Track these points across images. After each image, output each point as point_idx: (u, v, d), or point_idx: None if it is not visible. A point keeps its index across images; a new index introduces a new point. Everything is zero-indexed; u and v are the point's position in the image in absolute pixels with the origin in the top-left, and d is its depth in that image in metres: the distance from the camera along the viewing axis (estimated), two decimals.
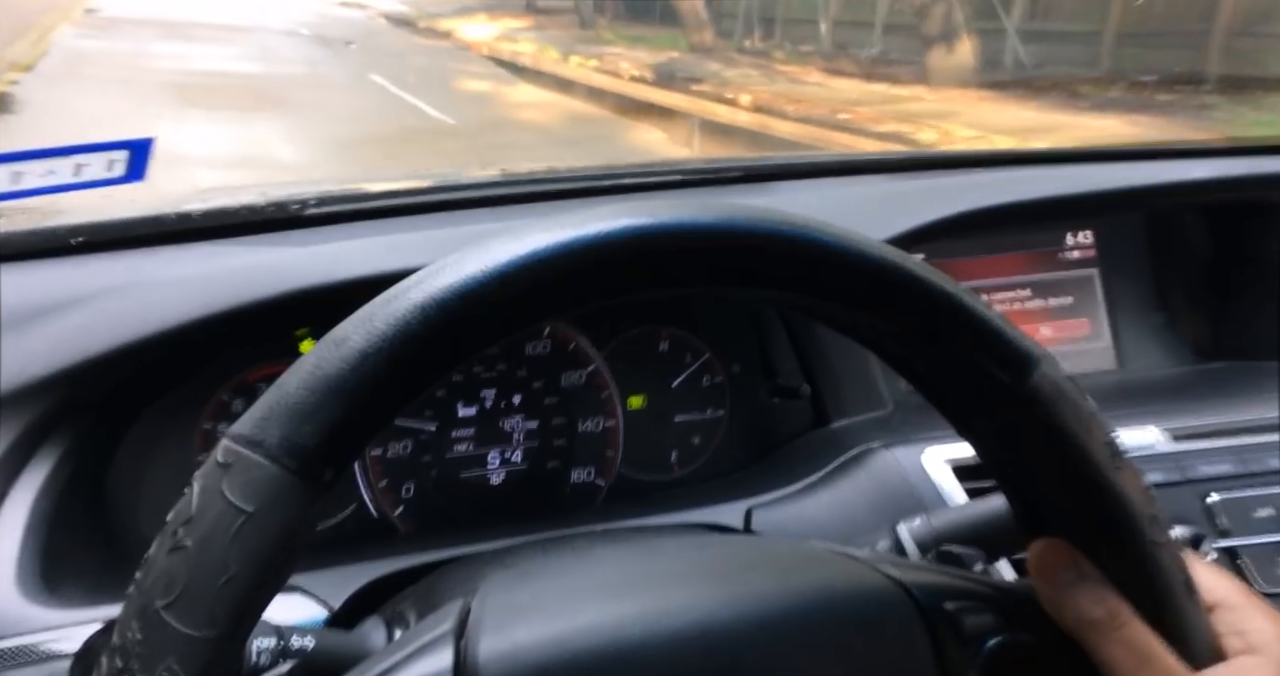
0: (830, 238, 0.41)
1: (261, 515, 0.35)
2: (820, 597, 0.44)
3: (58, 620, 0.64)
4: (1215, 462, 0.78)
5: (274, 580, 0.36)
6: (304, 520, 0.36)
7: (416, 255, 0.75)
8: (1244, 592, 0.47)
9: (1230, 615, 0.46)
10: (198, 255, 0.83)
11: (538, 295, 0.38)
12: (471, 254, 0.38)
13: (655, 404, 0.92)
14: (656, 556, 0.51)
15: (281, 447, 0.35)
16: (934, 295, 0.41)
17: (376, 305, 0.38)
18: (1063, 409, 0.42)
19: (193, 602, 0.34)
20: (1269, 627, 0.45)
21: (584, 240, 0.38)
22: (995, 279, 1.03)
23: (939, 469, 0.77)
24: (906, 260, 0.42)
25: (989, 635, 0.44)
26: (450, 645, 0.41)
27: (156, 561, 0.35)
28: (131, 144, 0.81)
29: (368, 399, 0.36)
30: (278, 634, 0.50)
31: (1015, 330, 0.43)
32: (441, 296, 0.37)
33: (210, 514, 0.35)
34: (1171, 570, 0.44)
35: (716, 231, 0.39)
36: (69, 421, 0.73)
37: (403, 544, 0.78)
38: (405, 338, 0.36)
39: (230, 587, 0.34)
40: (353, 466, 0.83)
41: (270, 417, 0.36)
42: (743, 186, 1.08)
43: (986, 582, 0.48)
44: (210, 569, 0.34)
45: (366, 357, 0.36)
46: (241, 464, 0.35)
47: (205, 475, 0.36)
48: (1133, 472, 0.44)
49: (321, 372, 0.36)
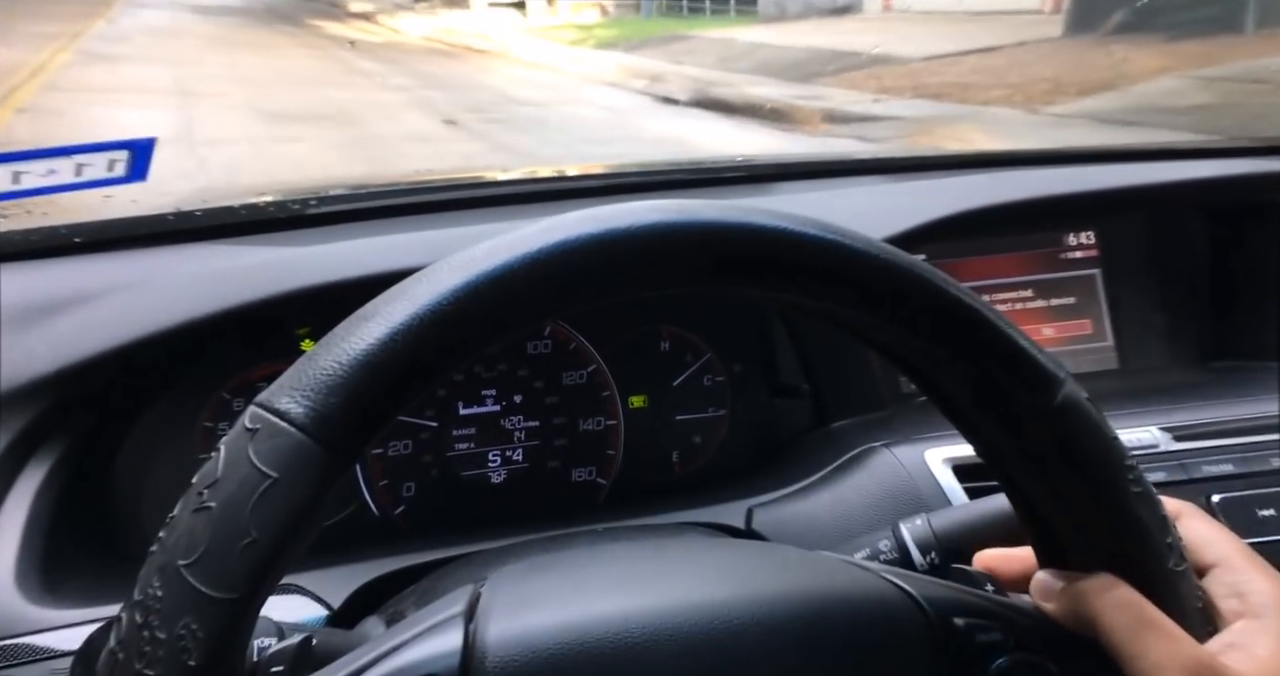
0: (858, 245, 0.41)
1: (285, 481, 0.35)
2: (831, 606, 0.44)
3: (58, 619, 0.64)
4: (1218, 462, 0.78)
5: (294, 547, 0.36)
6: (325, 490, 0.36)
7: (418, 254, 0.75)
8: (1245, 552, 0.46)
9: (1229, 575, 0.45)
10: (199, 255, 0.83)
11: (567, 283, 0.39)
12: (505, 240, 0.39)
13: (656, 403, 0.92)
14: (666, 556, 0.51)
15: (308, 416, 0.36)
16: (960, 311, 0.42)
17: (409, 284, 0.38)
18: (1084, 430, 0.42)
19: (214, 564, 0.34)
20: (1269, 589, 0.44)
21: (615, 232, 0.39)
22: (997, 279, 1.03)
23: (940, 468, 0.77)
24: (934, 274, 0.42)
25: (998, 653, 0.44)
26: (460, 627, 0.41)
27: (180, 520, 0.36)
28: (133, 144, 0.81)
29: (396, 375, 0.37)
30: (278, 632, 0.50)
31: (1040, 350, 0.43)
32: (473, 279, 0.37)
33: (235, 477, 0.35)
34: (1189, 592, 0.44)
35: (754, 233, 0.40)
36: (70, 421, 0.73)
37: (403, 543, 0.77)
38: (436, 317, 0.37)
39: (251, 551, 0.35)
40: (368, 451, 0.83)
41: (299, 387, 0.36)
42: (744, 186, 1.08)
43: (998, 600, 0.47)
44: (232, 531, 0.35)
45: (397, 334, 0.36)
46: (268, 430, 0.36)
47: (232, 439, 0.36)
48: (1152, 499, 0.44)
49: (352, 347, 0.36)
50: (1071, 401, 0.42)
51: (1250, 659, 0.41)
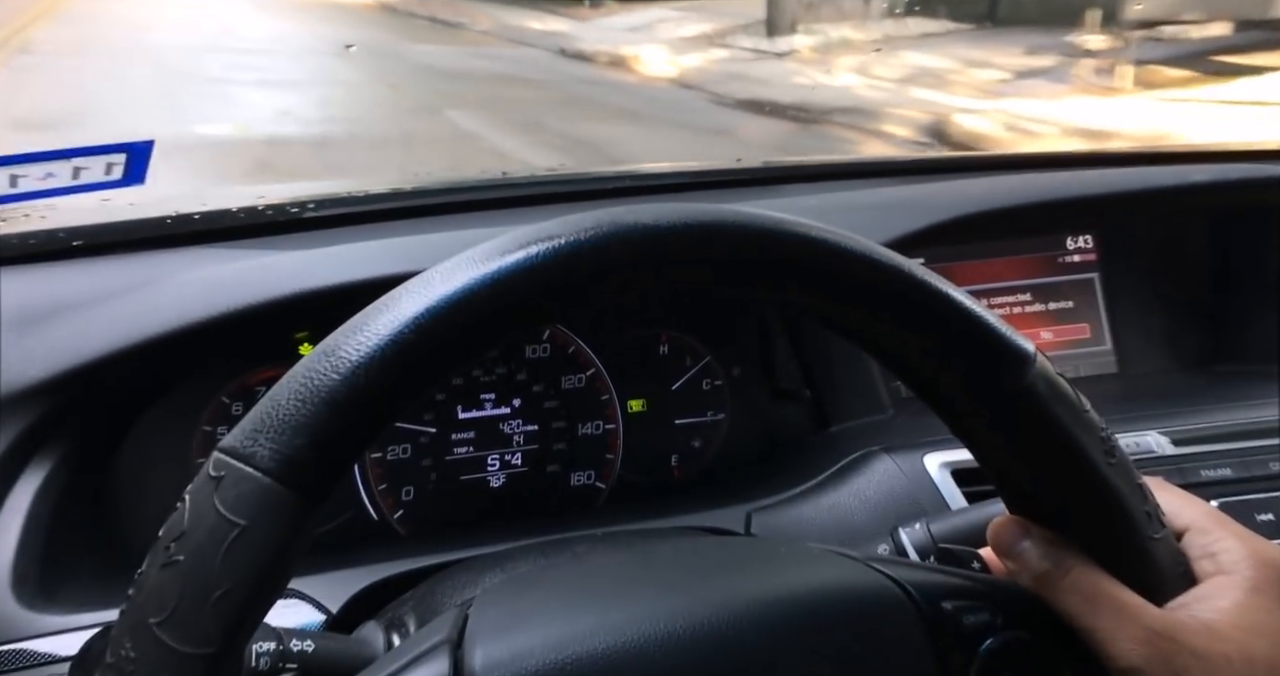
0: (821, 235, 0.41)
1: (254, 528, 0.34)
2: (818, 598, 0.44)
3: (55, 625, 0.64)
4: (1216, 467, 0.78)
5: (268, 594, 0.35)
6: (297, 533, 0.35)
7: (415, 258, 0.75)
8: (1215, 516, 0.47)
9: (1202, 538, 0.46)
10: (197, 258, 0.83)
11: (533, 301, 0.38)
12: (464, 261, 0.37)
13: (655, 407, 0.92)
14: (652, 560, 0.51)
15: (273, 460, 0.35)
16: (927, 293, 0.42)
17: (368, 315, 0.37)
18: (1058, 405, 0.43)
19: (186, 619, 0.33)
20: (1239, 548, 0.45)
21: (579, 244, 0.38)
22: (996, 283, 1.03)
23: (939, 473, 0.77)
24: (900, 259, 0.42)
25: (988, 634, 0.44)
26: (447, 654, 0.41)
27: (149, 577, 0.34)
28: (130, 147, 0.81)
29: (360, 410, 0.35)
30: (277, 637, 0.50)
31: (1009, 328, 0.43)
32: (434, 305, 0.36)
33: (202, 528, 0.34)
34: (1170, 557, 0.44)
35: (722, 230, 0.40)
36: (68, 425, 0.73)
37: (402, 547, 0.77)
38: (397, 348, 0.36)
39: (223, 603, 0.34)
40: (349, 474, 0.83)
41: (261, 430, 0.35)
42: (743, 190, 1.08)
43: (984, 581, 0.48)
44: (203, 584, 0.34)
45: (358, 368, 0.35)
46: (233, 476, 0.35)
47: (197, 489, 0.35)
48: (1127, 468, 0.44)
49: (313, 384, 0.35)
50: (1043, 377, 0.43)
51: (1213, 610, 0.42)
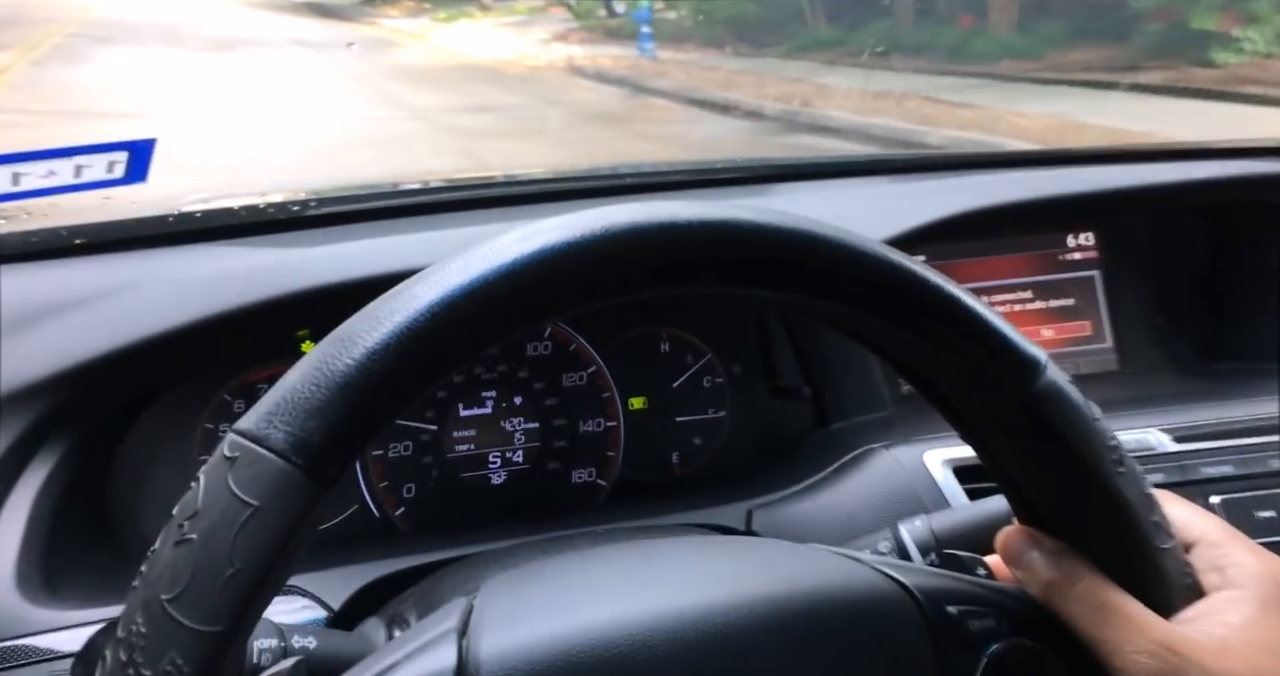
0: (835, 238, 0.41)
1: (267, 509, 0.35)
2: (824, 600, 0.44)
3: (59, 620, 0.64)
4: (1217, 464, 0.78)
5: (278, 576, 0.36)
6: (308, 515, 0.36)
7: (417, 256, 0.75)
8: (1225, 529, 0.47)
9: (1211, 551, 0.46)
10: (199, 256, 0.83)
11: (547, 293, 0.38)
12: (479, 251, 0.38)
13: (656, 404, 0.92)
14: (658, 556, 0.51)
15: (288, 443, 0.35)
16: (940, 299, 0.42)
17: (383, 302, 0.38)
18: (1068, 413, 0.42)
19: (197, 597, 0.34)
20: (1249, 562, 0.44)
21: (593, 237, 0.38)
22: (996, 280, 1.03)
23: (940, 470, 0.77)
24: (912, 263, 0.42)
25: (992, 639, 0.44)
26: (453, 643, 0.41)
27: (161, 554, 0.35)
28: (132, 145, 0.81)
29: (374, 396, 0.36)
30: (279, 633, 0.50)
31: (1020, 335, 0.43)
32: (449, 294, 0.37)
33: (216, 507, 0.35)
34: (1177, 569, 0.44)
35: (729, 229, 0.40)
36: (70, 422, 0.73)
37: (403, 544, 0.78)
38: (412, 336, 0.36)
39: (235, 582, 0.34)
40: (355, 465, 0.83)
41: (276, 413, 0.36)
42: (743, 187, 1.08)
43: (990, 586, 0.48)
44: (215, 563, 0.34)
45: (373, 355, 0.36)
46: (247, 458, 0.35)
47: (211, 469, 0.36)
48: (1136, 478, 0.44)
49: (328, 369, 0.36)
50: (1052, 385, 0.43)
51: (1221, 625, 0.42)
